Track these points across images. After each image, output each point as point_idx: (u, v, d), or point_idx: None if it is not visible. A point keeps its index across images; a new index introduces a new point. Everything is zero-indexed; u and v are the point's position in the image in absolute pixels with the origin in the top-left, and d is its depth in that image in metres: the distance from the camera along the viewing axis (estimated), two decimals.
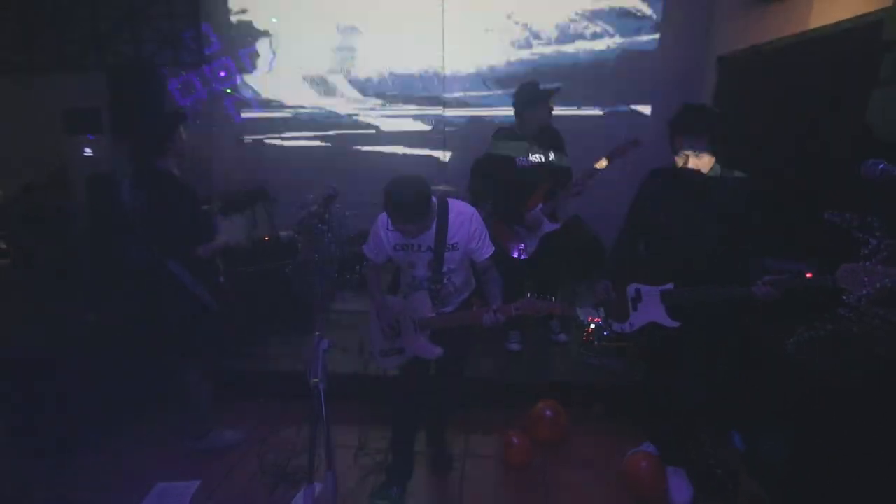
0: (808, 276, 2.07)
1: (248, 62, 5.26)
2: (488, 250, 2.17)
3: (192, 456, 2.73)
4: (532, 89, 3.03)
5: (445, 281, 2.13)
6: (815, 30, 2.94)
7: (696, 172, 2.08)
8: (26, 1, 5.13)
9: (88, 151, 4.89)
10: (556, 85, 3.03)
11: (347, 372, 3.18)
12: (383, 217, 2.12)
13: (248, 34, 5.20)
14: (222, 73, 5.18)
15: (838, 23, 2.66)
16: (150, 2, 5.00)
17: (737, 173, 2.15)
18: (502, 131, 3.30)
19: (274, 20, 5.15)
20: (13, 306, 4.62)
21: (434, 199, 2.06)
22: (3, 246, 5.70)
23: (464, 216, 2.10)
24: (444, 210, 2.07)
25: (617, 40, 4.83)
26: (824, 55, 2.77)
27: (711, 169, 2.11)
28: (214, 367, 2.76)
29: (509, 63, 4.99)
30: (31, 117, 5.30)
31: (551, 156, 3.18)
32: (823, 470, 2.00)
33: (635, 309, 2.37)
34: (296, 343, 3.48)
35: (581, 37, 4.86)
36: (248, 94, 5.34)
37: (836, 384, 1.92)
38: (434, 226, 2.06)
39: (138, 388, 2.96)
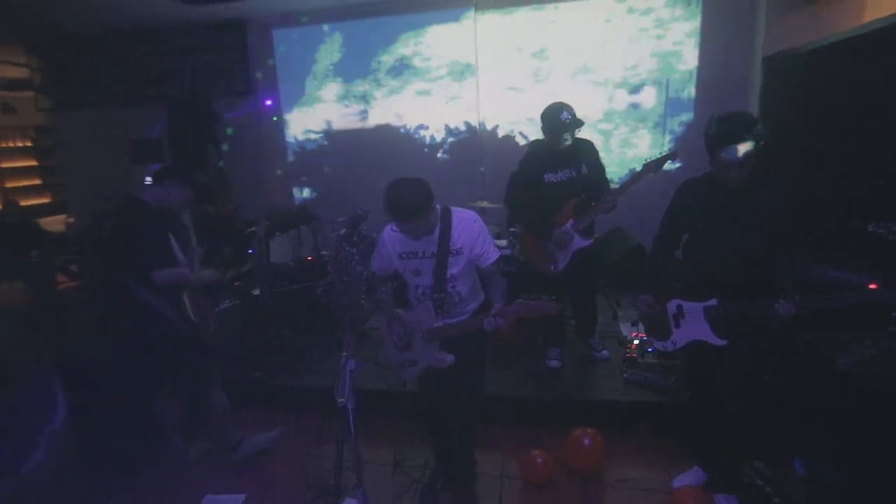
0: (872, 287, 1.93)
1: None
2: (493, 255, 2.17)
3: (237, 467, 2.84)
4: (556, 118, 2.95)
5: (450, 289, 2.15)
6: (867, 24, 2.77)
7: (738, 180, 1.98)
8: (93, 46, 5.64)
9: (149, 180, 5.25)
10: (580, 122, 2.98)
11: (383, 389, 3.21)
12: (388, 228, 2.19)
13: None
14: (269, 102, 5.45)
15: (893, 15, 2.50)
16: (202, 38, 5.38)
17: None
18: (534, 145, 3.28)
19: None
20: (82, 325, 5.00)
21: (438, 205, 2.10)
22: (75, 269, 6.21)
23: (466, 221, 2.14)
24: (447, 216, 2.12)
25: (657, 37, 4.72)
26: (877, 52, 2.60)
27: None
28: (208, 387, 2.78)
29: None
30: (101, 149, 5.77)
31: (583, 170, 3.11)
32: (890, 499, 1.83)
33: (678, 326, 2.27)
34: (337, 358, 3.56)
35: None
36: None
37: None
38: (437, 231, 2.10)
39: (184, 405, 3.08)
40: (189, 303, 2.55)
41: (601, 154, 3.26)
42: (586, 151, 3.15)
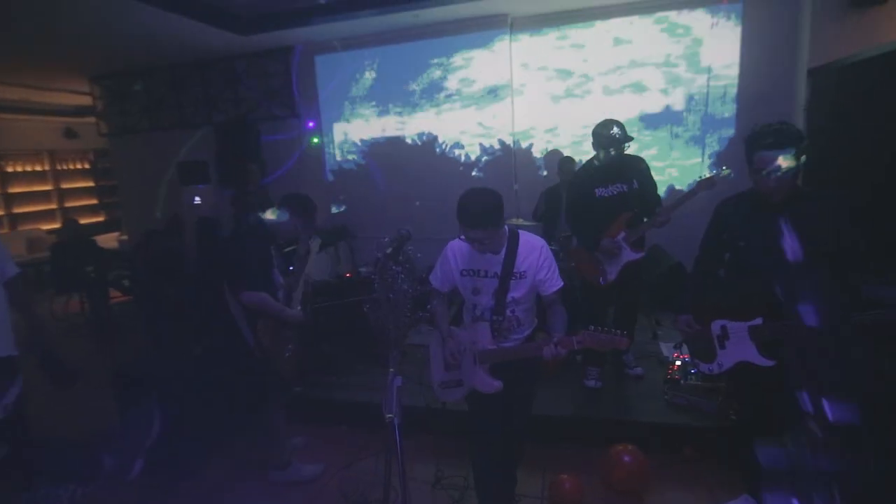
0: None
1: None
2: (556, 283, 2.12)
3: (277, 486, 2.89)
4: (607, 132, 3.05)
5: (508, 312, 2.11)
6: None
7: (777, 192, 1.94)
8: (150, 75, 6.01)
9: (197, 200, 5.52)
10: (630, 137, 3.07)
11: (423, 405, 3.23)
12: (452, 243, 2.19)
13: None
14: (310, 125, 5.66)
15: None
16: (249, 64, 5.66)
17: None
18: (586, 164, 3.34)
19: None
20: (134, 338, 5.24)
21: (507, 226, 2.10)
22: (127, 284, 6.53)
23: (533, 246, 2.11)
24: (514, 239, 2.10)
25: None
26: None
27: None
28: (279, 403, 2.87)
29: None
30: (155, 171, 6.11)
31: (634, 185, 3.15)
32: None
33: (723, 347, 2.21)
34: (377, 374, 3.63)
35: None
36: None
37: None
38: (503, 252, 2.08)
39: (229, 419, 3.18)
40: (265, 327, 2.60)
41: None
42: (637, 168, 3.21)
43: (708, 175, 2.89)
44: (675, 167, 4.83)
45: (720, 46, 4.58)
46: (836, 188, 2.00)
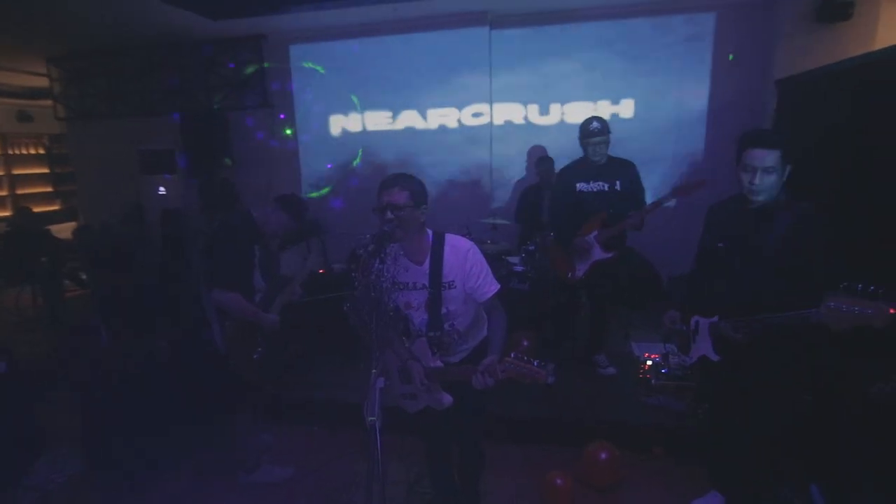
0: (892, 311, 1.90)
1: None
2: (491, 288, 1.95)
3: (246, 488, 2.80)
4: (587, 126, 3.13)
5: (447, 326, 1.96)
6: (881, 50, 2.80)
7: (760, 192, 1.97)
8: (113, 58, 5.72)
9: (162, 190, 5.29)
10: (608, 130, 3.15)
11: (394, 405, 3.18)
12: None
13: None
14: (283, 116, 5.51)
15: None
16: (220, 52, 5.45)
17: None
18: (573, 161, 3.35)
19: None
20: (91, 334, 4.98)
21: (430, 231, 1.96)
22: (84, 276, 6.21)
23: (459, 251, 1.93)
24: (439, 244, 1.93)
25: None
26: (891, 76, 2.62)
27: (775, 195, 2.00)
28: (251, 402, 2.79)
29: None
30: (115, 159, 5.82)
31: (616, 186, 3.17)
32: None
33: (694, 341, 2.27)
34: (350, 373, 3.57)
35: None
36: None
37: None
38: (428, 262, 1.92)
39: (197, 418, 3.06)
40: (232, 327, 2.52)
41: None
42: (623, 170, 3.24)
43: (683, 184, 2.95)
44: (642, 171, 4.91)
45: (692, 55, 4.69)
46: (811, 202, 2.02)
